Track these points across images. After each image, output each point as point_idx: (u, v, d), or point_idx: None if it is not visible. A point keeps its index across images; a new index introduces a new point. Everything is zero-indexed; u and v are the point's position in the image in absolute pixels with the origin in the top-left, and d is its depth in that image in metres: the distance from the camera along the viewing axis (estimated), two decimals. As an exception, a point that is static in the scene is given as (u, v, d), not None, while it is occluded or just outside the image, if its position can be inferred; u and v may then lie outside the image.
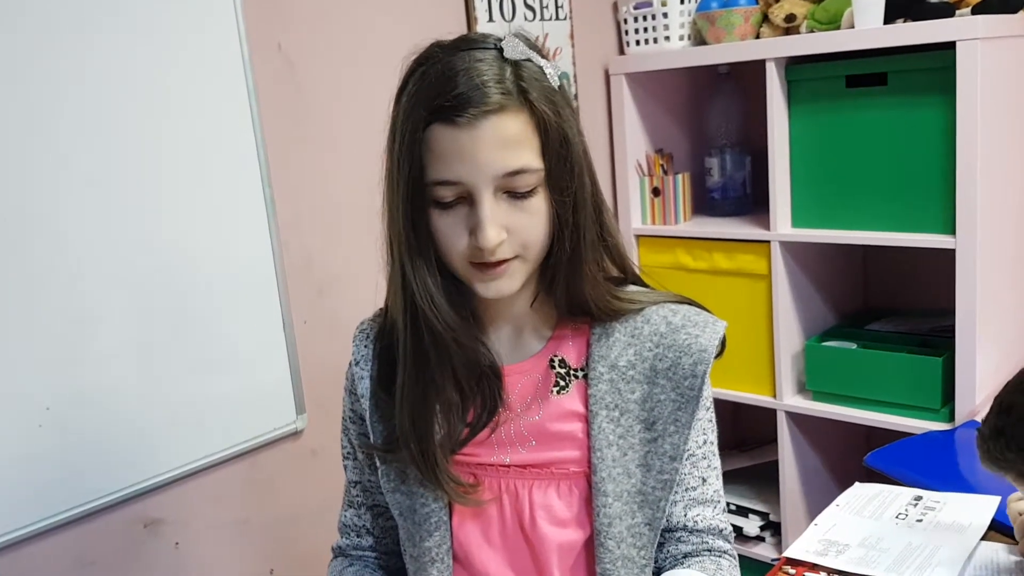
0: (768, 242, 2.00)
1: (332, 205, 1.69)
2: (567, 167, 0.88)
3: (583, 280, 0.93)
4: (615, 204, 2.29)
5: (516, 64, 0.87)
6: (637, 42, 2.21)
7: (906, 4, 1.79)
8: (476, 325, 0.98)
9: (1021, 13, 1.79)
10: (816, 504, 2.05)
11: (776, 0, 2.04)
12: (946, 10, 1.75)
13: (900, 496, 1.34)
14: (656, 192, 2.24)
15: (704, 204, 2.32)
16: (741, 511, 2.23)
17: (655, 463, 0.95)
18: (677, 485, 0.97)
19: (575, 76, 2.17)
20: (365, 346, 1.03)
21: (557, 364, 0.98)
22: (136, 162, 1.39)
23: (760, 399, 2.11)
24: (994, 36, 1.69)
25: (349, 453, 1.08)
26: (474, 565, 0.99)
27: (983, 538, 1.19)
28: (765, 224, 2.02)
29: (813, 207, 1.96)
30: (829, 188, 1.93)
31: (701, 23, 2.12)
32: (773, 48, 1.91)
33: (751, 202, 2.27)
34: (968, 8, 1.77)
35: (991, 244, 1.76)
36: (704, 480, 0.99)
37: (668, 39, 2.15)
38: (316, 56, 1.66)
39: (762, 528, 2.20)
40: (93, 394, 1.36)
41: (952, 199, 1.73)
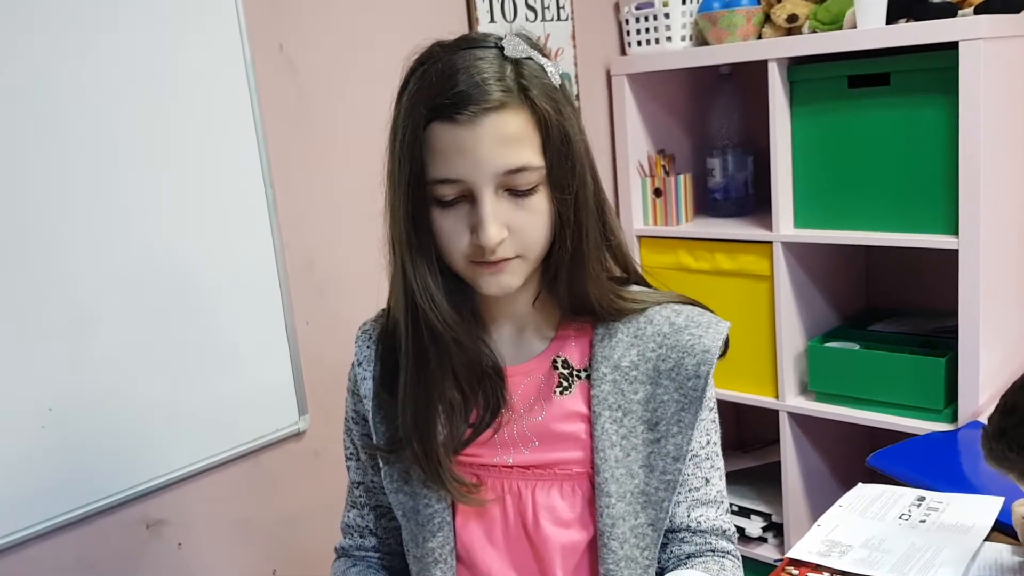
0: (770, 243, 2.00)
1: (334, 205, 1.69)
2: (568, 165, 0.88)
3: (586, 279, 0.93)
4: (617, 205, 2.28)
5: (517, 62, 0.86)
6: (639, 42, 2.21)
7: (908, 4, 1.79)
8: (478, 325, 0.98)
9: (1023, 13, 1.79)
10: (819, 505, 2.04)
11: (778, 0, 2.04)
12: (948, 10, 1.75)
13: (903, 497, 1.34)
14: (658, 193, 2.24)
15: (706, 205, 2.32)
16: (743, 512, 2.23)
17: (658, 464, 0.95)
18: (680, 486, 0.97)
19: (577, 77, 2.17)
20: (367, 347, 1.03)
21: (560, 364, 0.98)
22: (138, 163, 1.39)
23: (762, 400, 2.10)
24: (997, 36, 1.69)
25: (352, 454, 1.08)
26: (477, 566, 0.98)
27: (986, 539, 1.19)
28: (767, 225, 2.02)
29: (815, 207, 1.96)
30: (831, 188, 1.93)
31: (703, 23, 2.12)
32: (775, 48, 1.91)
33: (753, 203, 2.27)
34: (971, 8, 1.76)
35: (994, 244, 1.76)
36: (707, 481, 0.99)
37: (670, 39, 2.15)
38: (317, 57, 1.66)
39: (764, 529, 2.20)
40: (95, 395, 1.36)
41: (955, 199, 1.73)
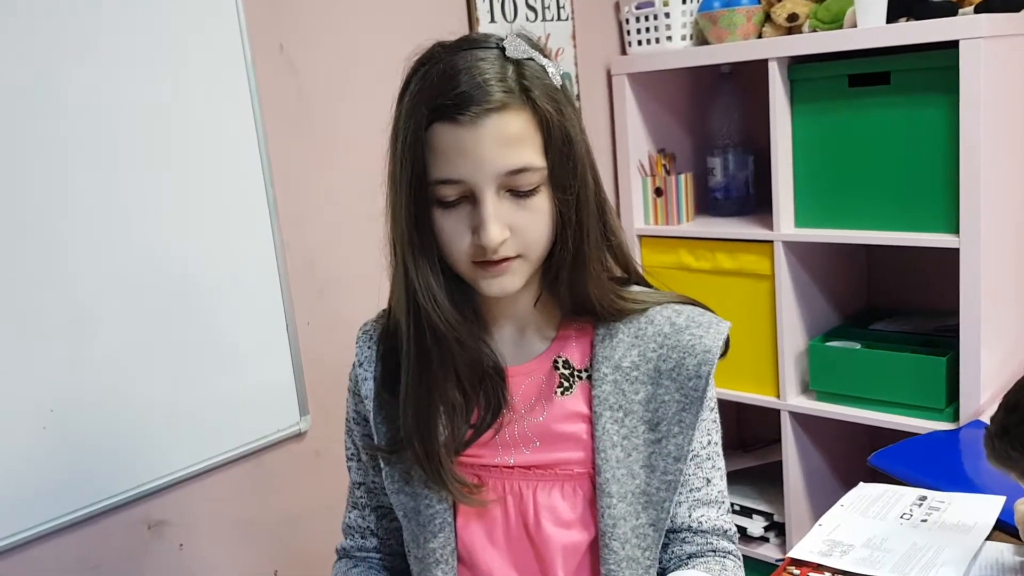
0: (771, 242, 1.99)
1: (334, 206, 1.69)
2: (569, 166, 0.88)
3: (587, 279, 0.93)
4: (617, 204, 2.28)
5: (518, 63, 0.86)
6: (639, 42, 2.21)
7: (909, 3, 1.79)
8: (479, 325, 0.98)
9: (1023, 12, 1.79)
10: (820, 504, 2.04)
11: (778, 0, 2.04)
12: (949, 9, 1.75)
13: (904, 496, 1.34)
14: (659, 192, 2.24)
15: (707, 204, 2.32)
16: (745, 511, 2.23)
17: (659, 464, 0.95)
18: (681, 486, 0.97)
19: (577, 76, 2.17)
20: (368, 347, 1.03)
21: (561, 365, 0.98)
22: (138, 163, 1.39)
23: (764, 399, 2.10)
24: (997, 35, 1.69)
25: (353, 454, 1.08)
26: (478, 566, 0.98)
27: (988, 538, 1.19)
28: (768, 224, 2.02)
29: (816, 207, 1.96)
30: (832, 188, 1.92)
31: (703, 23, 2.12)
32: (775, 48, 1.91)
33: (754, 202, 2.27)
34: (971, 7, 1.76)
35: (995, 243, 1.76)
36: (708, 481, 0.99)
37: (670, 39, 2.15)
38: (318, 57, 1.66)
39: (766, 528, 2.19)
40: (96, 396, 1.36)
41: (955, 198, 1.72)
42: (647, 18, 2.17)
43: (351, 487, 1.10)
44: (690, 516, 0.98)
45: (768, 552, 2.18)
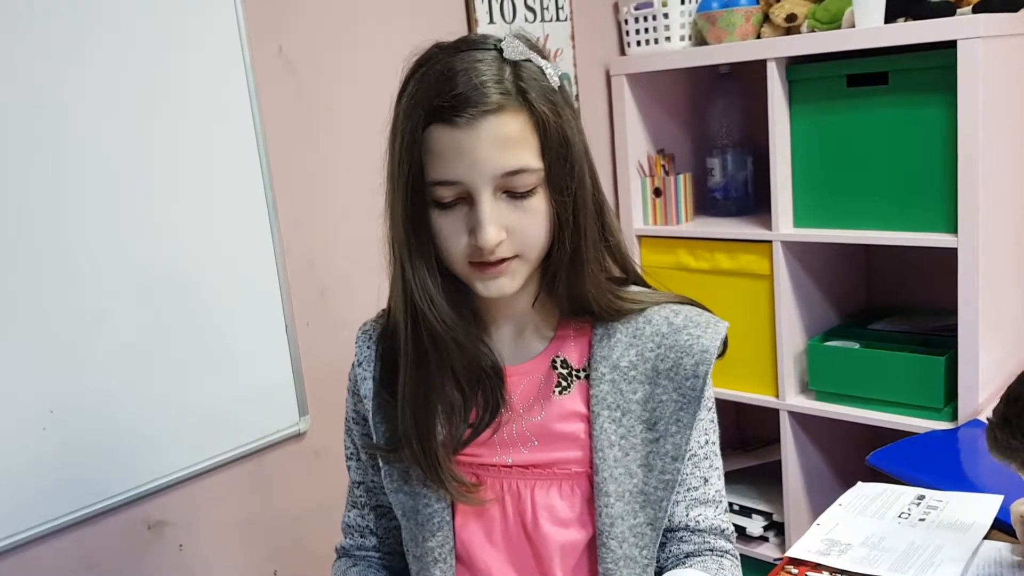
0: (770, 242, 2.00)
1: (334, 207, 1.70)
2: (567, 167, 0.88)
3: (585, 280, 0.93)
4: (617, 205, 2.29)
5: (516, 64, 0.87)
6: (638, 43, 2.21)
7: (907, 3, 1.79)
8: (477, 325, 0.98)
9: (1022, 11, 1.79)
10: (819, 504, 2.05)
11: (777, 0, 2.04)
12: (947, 9, 1.75)
13: (903, 495, 1.34)
14: (658, 192, 2.24)
15: (706, 204, 2.32)
16: (744, 511, 2.23)
17: (657, 463, 0.95)
18: (679, 485, 0.97)
19: (576, 77, 2.17)
20: (368, 347, 1.03)
21: (559, 364, 0.98)
22: (138, 165, 1.39)
23: (763, 399, 2.10)
24: (995, 35, 1.69)
25: (352, 454, 1.09)
26: (477, 565, 0.99)
27: (986, 537, 1.19)
28: (767, 224, 2.02)
29: (815, 207, 1.96)
30: (831, 188, 1.93)
31: (702, 23, 2.12)
32: (774, 48, 1.91)
33: (753, 202, 2.27)
34: (969, 7, 1.77)
35: (993, 243, 1.76)
36: (706, 480, 0.99)
37: (669, 40, 2.16)
38: (317, 58, 1.66)
39: (765, 528, 2.20)
40: (96, 397, 1.36)
41: (954, 198, 1.73)
42: (646, 19, 2.18)
43: (350, 486, 1.10)
44: (687, 515, 0.98)
45: (767, 552, 2.18)
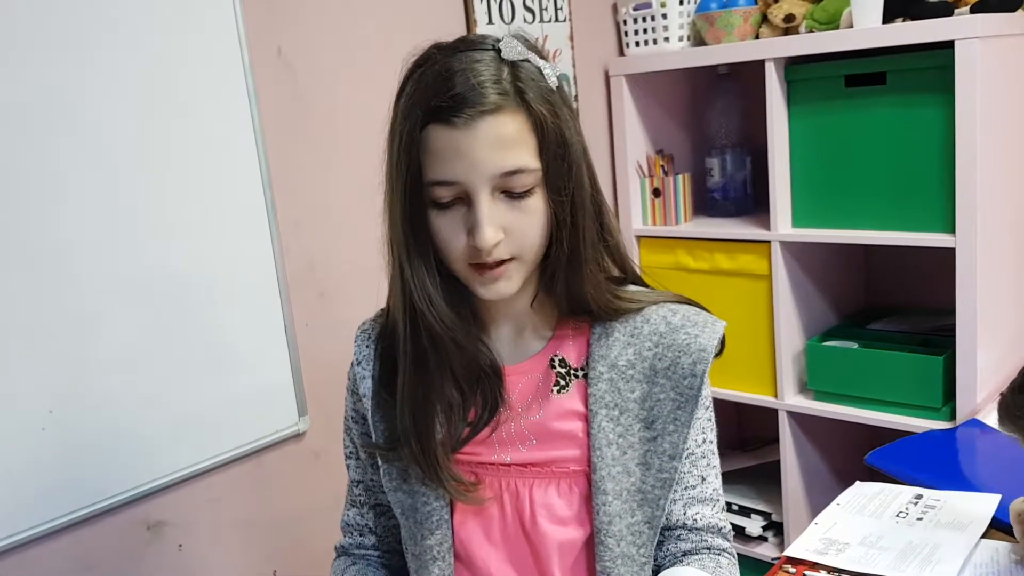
0: (769, 242, 2.00)
1: (333, 207, 1.70)
2: (565, 167, 0.89)
3: (583, 280, 0.93)
4: (616, 205, 2.29)
5: (514, 64, 0.87)
6: (637, 43, 2.22)
7: (905, 3, 1.79)
8: (476, 325, 0.98)
9: (1019, 12, 1.79)
10: (818, 503, 2.04)
11: (775, 0, 2.04)
12: (945, 9, 1.75)
13: (901, 495, 1.35)
14: (657, 193, 2.24)
15: (705, 204, 2.32)
16: (743, 511, 2.23)
17: (654, 462, 0.95)
18: (676, 484, 0.97)
19: (575, 78, 2.18)
20: (367, 346, 1.03)
21: (557, 363, 0.99)
22: (137, 166, 1.40)
23: (762, 399, 2.11)
24: (993, 35, 1.69)
25: (351, 452, 1.09)
26: (475, 563, 0.99)
27: (983, 536, 1.20)
28: (765, 224, 2.02)
29: (813, 207, 1.96)
30: (829, 188, 1.93)
31: (700, 24, 2.12)
32: (772, 48, 1.92)
33: (752, 202, 2.28)
34: (967, 7, 1.77)
35: (991, 243, 1.76)
36: (703, 479, 0.99)
37: (668, 40, 2.16)
38: (316, 60, 1.66)
39: (764, 528, 2.20)
40: (95, 397, 1.37)
41: (952, 198, 1.73)
42: (645, 19, 2.18)
43: (349, 485, 1.11)
44: (685, 513, 0.99)
45: (766, 551, 2.18)
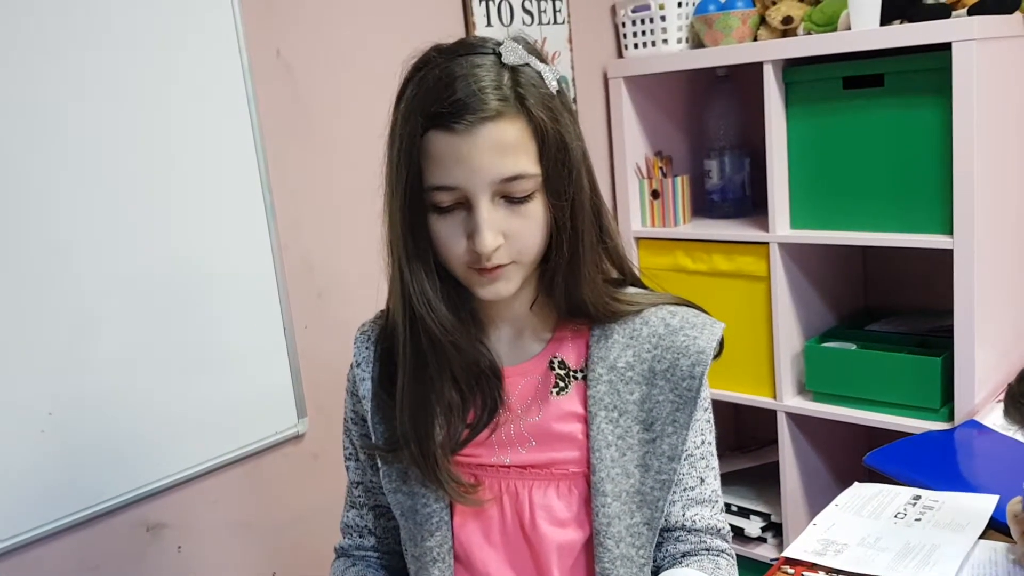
0: (767, 244, 2.00)
1: (332, 209, 1.70)
2: (565, 172, 0.89)
3: (582, 282, 0.94)
4: (614, 207, 2.29)
5: (514, 70, 0.87)
6: (635, 45, 2.22)
7: (902, 5, 1.79)
8: (476, 327, 0.99)
9: (1017, 14, 1.80)
10: (817, 504, 2.05)
11: (773, 2, 2.05)
12: (942, 11, 1.76)
13: (899, 496, 1.35)
14: (655, 194, 2.25)
15: (703, 206, 2.33)
16: (742, 512, 2.23)
17: (653, 463, 0.95)
18: (675, 485, 0.98)
19: (574, 80, 2.18)
20: (366, 348, 1.03)
21: (557, 365, 0.99)
22: (136, 168, 1.40)
23: (760, 400, 2.11)
24: (990, 37, 1.70)
25: (351, 454, 1.09)
26: (475, 565, 0.99)
27: (981, 537, 1.20)
28: (764, 226, 2.03)
29: (811, 208, 1.97)
30: (827, 189, 1.93)
31: (699, 26, 2.13)
32: (770, 50, 1.92)
33: (750, 204, 2.28)
34: (964, 9, 1.77)
35: (988, 244, 1.77)
36: (702, 480, 0.99)
37: (666, 42, 2.16)
38: (315, 62, 1.67)
39: (763, 529, 2.20)
40: (95, 399, 1.37)
41: (949, 199, 1.73)
42: (643, 21, 2.18)
43: (349, 486, 1.11)
44: (684, 515, 0.99)
45: (766, 552, 2.18)
